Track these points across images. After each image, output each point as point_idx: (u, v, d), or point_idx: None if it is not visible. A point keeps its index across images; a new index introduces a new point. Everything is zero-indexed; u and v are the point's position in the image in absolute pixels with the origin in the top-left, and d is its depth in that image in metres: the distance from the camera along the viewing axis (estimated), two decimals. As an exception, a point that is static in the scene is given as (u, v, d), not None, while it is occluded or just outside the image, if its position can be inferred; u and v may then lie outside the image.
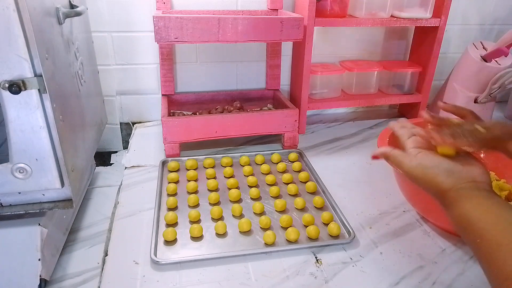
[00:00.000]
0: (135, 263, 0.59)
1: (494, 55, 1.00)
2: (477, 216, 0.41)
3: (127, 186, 0.78)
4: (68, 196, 0.55)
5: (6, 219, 0.53)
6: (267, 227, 0.66)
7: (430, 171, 0.47)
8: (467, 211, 0.42)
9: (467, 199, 0.43)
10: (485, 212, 0.41)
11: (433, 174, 0.46)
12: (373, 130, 1.07)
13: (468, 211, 0.42)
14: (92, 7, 0.84)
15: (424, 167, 0.47)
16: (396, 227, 0.68)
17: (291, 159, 0.89)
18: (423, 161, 0.48)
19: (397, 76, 1.09)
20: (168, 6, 0.93)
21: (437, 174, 0.46)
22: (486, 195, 0.43)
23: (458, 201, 0.43)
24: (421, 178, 0.47)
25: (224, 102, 1.04)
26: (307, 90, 0.99)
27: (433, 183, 0.46)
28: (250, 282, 0.56)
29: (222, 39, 0.79)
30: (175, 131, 0.85)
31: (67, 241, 0.63)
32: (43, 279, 0.53)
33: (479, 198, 0.43)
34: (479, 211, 0.42)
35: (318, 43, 1.08)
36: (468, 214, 0.42)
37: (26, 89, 0.47)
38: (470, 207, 0.42)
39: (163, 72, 0.99)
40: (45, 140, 0.50)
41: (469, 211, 0.42)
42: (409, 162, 0.49)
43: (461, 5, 1.14)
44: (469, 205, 0.43)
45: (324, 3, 0.93)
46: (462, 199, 0.43)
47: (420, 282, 0.57)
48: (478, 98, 1.04)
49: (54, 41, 0.54)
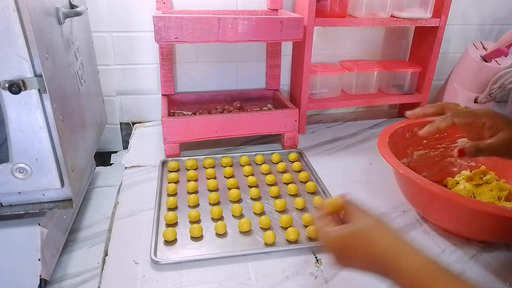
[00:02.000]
0: (135, 263, 0.59)
1: (494, 55, 1.00)
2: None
3: (127, 186, 0.78)
4: (68, 196, 0.55)
5: (6, 219, 0.53)
6: (267, 227, 0.66)
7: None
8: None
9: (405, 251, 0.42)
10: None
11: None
12: (373, 130, 1.07)
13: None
14: (92, 7, 0.84)
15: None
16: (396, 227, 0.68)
17: (291, 159, 0.89)
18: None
19: (397, 76, 1.09)
20: (168, 6, 0.93)
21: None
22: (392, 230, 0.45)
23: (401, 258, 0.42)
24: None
25: (224, 102, 1.04)
26: (307, 90, 0.99)
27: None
28: (250, 282, 0.56)
29: (222, 39, 0.78)
30: (175, 131, 0.85)
31: (67, 241, 0.63)
32: (43, 279, 0.53)
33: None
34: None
35: (318, 43, 1.08)
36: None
37: (26, 89, 0.47)
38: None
39: (163, 72, 0.99)
40: (45, 140, 0.50)
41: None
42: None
43: (461, 5, 1.14)
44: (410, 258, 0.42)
45: (324, 3, 0.93)
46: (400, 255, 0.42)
47: (420, 282, 0.56)
48: (478, 98, 1.04)
49: (54, 41, 0.54)
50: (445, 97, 1.09)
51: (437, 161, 0.83)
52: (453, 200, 0.57)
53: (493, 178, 0.75)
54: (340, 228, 0.46)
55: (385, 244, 0.44)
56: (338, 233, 0.46)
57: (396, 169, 0.65)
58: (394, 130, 0.77)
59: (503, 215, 0.54)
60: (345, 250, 0.46)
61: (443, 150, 0.84)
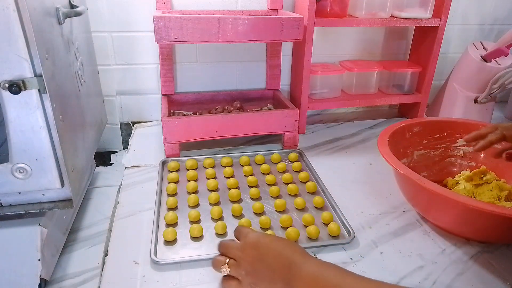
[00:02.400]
0: (135, 263, 0.59)
1: (494, 55, 1.00)
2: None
3: (127, 186, 0.78)
4: (68, 196, 0.55)
5: (6, 219, 0.53)
6: (267, 227, 0.66)
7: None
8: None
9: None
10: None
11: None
12: (373, 130, 1.07)
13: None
14: (92, 7, 0.84)
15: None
16: (396, 227, 0.68)
17: (291, 159, 0.89)
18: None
19: (397, 76, 1.09)
20: (168, 6, 0.93)
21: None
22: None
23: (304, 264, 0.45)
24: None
25: (224, 102, 1.04)
26: (307, 90, 0.99)
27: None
28: (250, 282, 0.56)
29: (222, 39, 0.78)
30: (175, 131, 0.85)
31: (67, 241, 0.63)
32: (43, 279, 0.53)
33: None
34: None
35: (318, 43, 1.08)
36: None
37: (26, 89, 0.47)
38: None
39: (163, 72, 0.99)
40: (45, 140, 0.50)
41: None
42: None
43: (461, 5, 1.14)
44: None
45: (324, 3, 0.93)
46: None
47: (420, 282, 0.57)
48: (478, 98, 1.04)
49: (54, 41, 0.54)
50: (445, 97, 1.10)
51: (437, 161, 0.84)
52: (453, 200, 0.57)
53: (493, 178, 0.75)
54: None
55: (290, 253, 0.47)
56: (261, 234, 0.51)
57: (396, 169, 0.65)
58: (394, 130, 0.77)
59: (503, 215, 0.54)
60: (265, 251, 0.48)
61: (443, 150, 0.84)
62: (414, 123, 0.83)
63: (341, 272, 0.44)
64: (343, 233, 0.65)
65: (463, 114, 1.06)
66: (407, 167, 0.65)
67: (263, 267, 0.47)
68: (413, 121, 0.85)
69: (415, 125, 0.82)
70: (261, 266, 0.47)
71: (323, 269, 0.44)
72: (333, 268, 0.45)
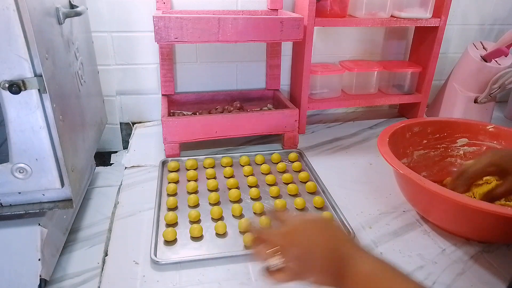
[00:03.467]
0: (135, 263, 0.59)
1: (494, 55, 1.00)
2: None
3: (127, 186, 0.78)
4: (68, 196, 0.55)
5: (6, 219, 0.53)
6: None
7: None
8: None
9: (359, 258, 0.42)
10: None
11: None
12: (373, 130, 1.07)
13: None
14: (92, 7, 0.84)
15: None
16: (396, 227, 0.68)
17: (291, 159, 0.89)
18: None
19: (397, 76, 1.09)
20: (168, 6, 0.93)
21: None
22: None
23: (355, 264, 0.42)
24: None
25: (224, 102, 1.04)
26: (307, 90, 0.99)
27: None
28: (250, 282, 0.56)
29: (222, 39, 0.78)
30: (175, 131, 0.85)
31: (67, 241, 0.63)
32: (43, 279, 0.53)
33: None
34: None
35: (318, 43, 1.08)
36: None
37: (26, 89, 0.47)
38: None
39: (163, 72, 0.99)
40: (45, 140, 0.50)
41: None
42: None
43: (461, 5, 1.14)
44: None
45: (324, 3, 0.93)
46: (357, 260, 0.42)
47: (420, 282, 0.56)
48: (478, 98, 1.04)
49: (54, 41, 0.54)
50: (445, 97, 1.10)
51: (437, 161, 0.83)
52: (453, 200, 0.57)
53: (493, 178, 0.75)
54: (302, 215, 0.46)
55: (342, 244, 0.44)
56: (302, 218, 0.46)
57: (396, 169, 0.65)
58: (394, 130, 0.77)
59: (503, 215, 0.54)
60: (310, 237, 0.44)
61: (443, 150, 0.84)
62: (414, 123, 0.83)
63: (397, 276, 0.40)
64: (343, 233, 0.65)
65: (463, 114, 1.06)
66: (407, 167, 0.65)
67: (311, 258, 0.43)
68: (413, 121, 0.85)
69: (415, 125, 0.82)
70: (309, 256, 0.43)
71: (379, 270, 0.41)
72: (389, 270, 0.41)
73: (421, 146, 0.82)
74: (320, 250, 0.43)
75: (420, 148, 0.82)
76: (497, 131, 0.80)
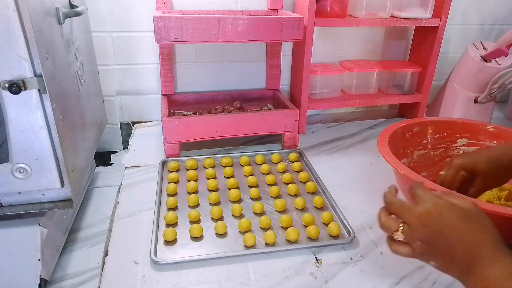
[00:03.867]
0: (135, 263, 0.59)
1: (494, 55, 1.00)
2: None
3: (127, 186, 0.78)
4: (68, 196, 0.55)
5: (6, 219, 0.53)
6: (267, 227, 0.66)
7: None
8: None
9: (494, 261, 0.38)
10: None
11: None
12: (373, 130, 1.07)
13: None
14: (92, 7, 0.84)
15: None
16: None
17: (291, 159, 0.89)
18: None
19: (397, 76, 1.09)
20: (168, 6, 0.93)
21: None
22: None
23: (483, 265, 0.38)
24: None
25: (224, 102, 1.04)
26: (307, 90, 0.99)
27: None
28: (250, 282, 0.56)
29: (222, 39, 0.78)
30: (175, 131, 0.85)
31: (67, 241, 0.63)
32: (43, 279, 0.53)
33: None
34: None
35: (318, 43, 1.08)
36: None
37: (26, 89, 0.47)
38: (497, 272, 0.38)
39: (163, 72, 0.99)
40: (45, 140, 0.50)
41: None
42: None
43: (461, 5, 1.14)
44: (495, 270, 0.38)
45: (324, 3, 0.93)
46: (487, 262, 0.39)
47: (420, 282, 0.57)
48: (478, 98, 1.04)
49: (54, 41, 0.54)
50: (445, 97, 1.10)
51: (437, 161, 0.83)
52: (453, 200, 0.57)
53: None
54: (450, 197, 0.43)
55: (477, 238, 0.40)
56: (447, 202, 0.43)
57: (396, 169, 0.65)
58: (394, 130, 0.77)
59: (503, 215, 0.54)
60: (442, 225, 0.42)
61: (443, 150, 0.84)
62: (414, 123, 0.83)
63: None
64: (343, 233, 0.65)
65: (463, 114, 1.06)
66: (407, 167, 0.65)
67: (442, 245, 0.41)
68: (413, 121, 0.85)
69: (415, 125, 0.82)
70: (440, 242, 0.41)
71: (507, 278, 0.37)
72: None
73: (421, 146, 0.82)
74: (455, 242, 0.40)
75: (420, 148, 0.82)
76: (497, 131, 0.80)
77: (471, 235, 0.40)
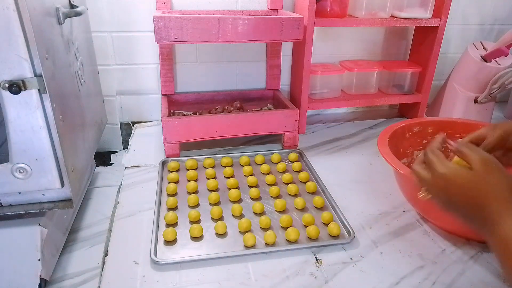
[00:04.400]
0: (135, 263, 0.59)
1: (494, 55, 1.00)
2: None
3: (127, 186, 0.78)
4: (68, 196, 0.55)
5: (6, 219, 0.53)
6: (267, 227, 0.66)
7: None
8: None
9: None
10: None
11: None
12: (373, 130, 1.07)
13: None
14: (92, 7, 0.84)
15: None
16: (396, 227, 0.68)
17: (291, 159, 0.89)
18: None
19: (397, 76, 1.09)
20: (168, 6, 0.93)
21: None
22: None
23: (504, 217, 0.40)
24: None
25: (224, 102, 1.04)
26: (307, 90, 0.99)
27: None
28: (250, 282, 0.56)
29: (222, 39, 0.78)
30: (175, 131, 0.85)
31: (67, 241, 0.63)
32: (43, 279, 0.53)
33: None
34: None
35: (318, 43, 1.08)
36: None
37: (26, 89, 0.47)
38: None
39: (163, 72, 0.99)
40: (45, 140, 0.50)
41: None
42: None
43: (461, 5, 1.14)
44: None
45: (324, 3, 0.93)
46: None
47: (420, 282, 0.57)
48: (478, 98, 1.04)
49: (54, 41, 0.54)
50: (445, 97, 1.10)
51: (437, 161, 0.83)
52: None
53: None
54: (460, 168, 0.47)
55: (494, 195, 0.42)
56: (457, 172, 0.46)
57: (396, 169, 0.65)
58: (394, 130, 0.77)
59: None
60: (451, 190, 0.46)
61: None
62: (414, 123, 0.83)
63: None
64: (343, 233, 0.65)
65: (463, 114, 1.06)
66: (407, 167, 0.65)
67: (454, 209, 0.46)
68: (413, 121, 0.85)
69: (415, 125, 0.82)
70: (452, 208, 0.47)
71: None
72: None
73: (421, 146, 0.82)
74: (463, 207, 0.44)
75: (420, 148, 0.82)
76: (497, 131, 0.80)
77: (482, 198, 0.43)
